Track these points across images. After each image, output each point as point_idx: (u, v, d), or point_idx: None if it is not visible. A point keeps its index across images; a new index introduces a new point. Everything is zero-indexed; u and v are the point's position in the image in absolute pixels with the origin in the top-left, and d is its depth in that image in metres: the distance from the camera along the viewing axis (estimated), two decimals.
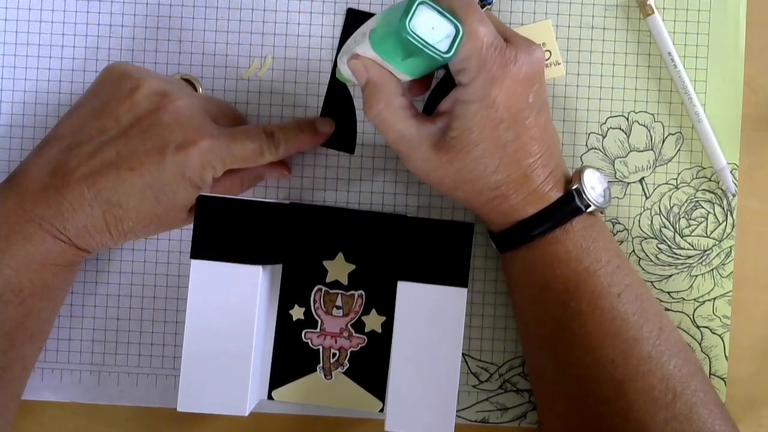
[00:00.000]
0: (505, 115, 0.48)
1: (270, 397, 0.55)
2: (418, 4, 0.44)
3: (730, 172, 0.57)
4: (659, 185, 0.58)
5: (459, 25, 0.45)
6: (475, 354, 0.58)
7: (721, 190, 0.58)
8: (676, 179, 0.58)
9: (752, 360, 0.58)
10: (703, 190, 0.58)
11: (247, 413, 0.50)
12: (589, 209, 0.51)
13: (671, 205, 0.58)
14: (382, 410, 0.55)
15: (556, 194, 0.50)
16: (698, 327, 0.58)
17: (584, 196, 0.50)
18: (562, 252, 0.50)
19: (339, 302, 0.55)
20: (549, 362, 0.52)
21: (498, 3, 0.58)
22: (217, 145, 0.50)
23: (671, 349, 0.50)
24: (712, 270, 0.58)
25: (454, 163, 0.49)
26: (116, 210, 0.50)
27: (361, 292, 0.55)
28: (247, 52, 0.58)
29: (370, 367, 0.55)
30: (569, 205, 0.50)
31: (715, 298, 0.58)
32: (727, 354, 0.58)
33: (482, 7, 0.56)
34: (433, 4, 0.44)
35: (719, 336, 0.58)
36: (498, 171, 0.49)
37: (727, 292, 0.58)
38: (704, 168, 0.58)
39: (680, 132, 0.58)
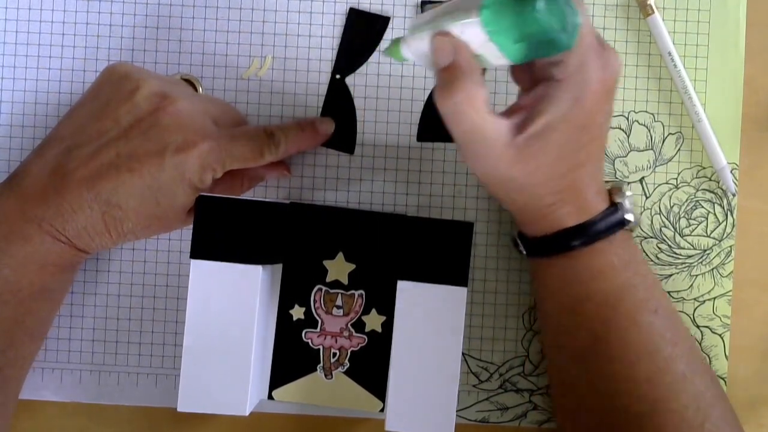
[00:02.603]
0: (588, 120, 0.46)
1: (270, 396, 0.55)
2: None
3: (730, 171, 0.57)
4: (659, 185, 0.58)
5: (578, 12, 0.43)
6: (475, 354, 0.58)
7: (721, 189, 0.58)
8: (676, 179, 0.58)
9: (752, 360, 0.58)
10: (703, 189, 0.58)
11: (247, 413, 0.50)
12: (629, 225, 0.50)
13: (671, 204, 0.58)
14: (382, 410, 0.55)
15: (601, 205, 0.49)
16: (698, 327, 0.58)
17: (627, 210, 0.49)
18: (606, 264, 0.49)
19: (339, 302, 0.55)
20: (580, 375, 0.51)
21: None
22: (216, 147, 0.50)
23: (701, 368, 0.49)
24: (712, 270, 0.58)
25: (528, 163, 0.46)
26: (116, 211, 0.50)
27: (362, 291, 0.55)
28: (247, 52, 0.58)
29: (371, 367, 0.55)
30: (614, 216, 0.49)
31: (715, 298, 0.58)
32: (727, 354, 0.58)
33: None
34: None
35: (719, 336, 0.58)
36: (565, 176, 0.47)
37: (727, 292, 0.58)
38: (704, 167, 0.58)
39: (680, 132, 0.58)
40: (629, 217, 0.49)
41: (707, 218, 0.58)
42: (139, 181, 0.49)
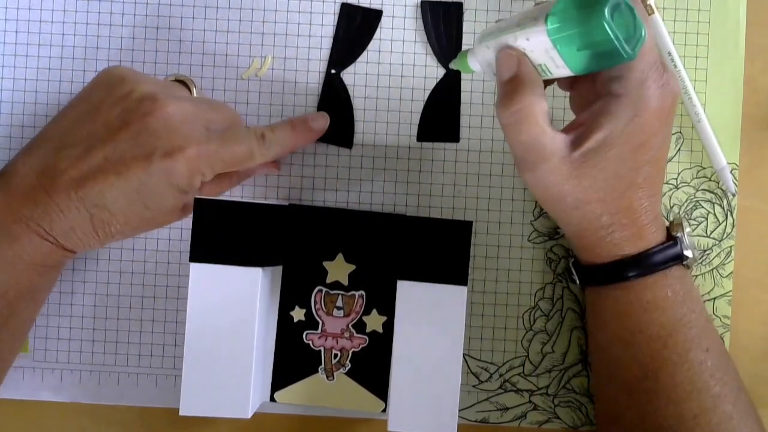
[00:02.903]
0: (646, 140, 0.46)
1: (272, 398, 0.55)
2: None
3: (730, 171, 0.57)
4: None
5: (644, 26, 0.43)
6: (475, 354, 0.58)
7: (721, 189, 0.58)
8: (676, 179, 0.58)
9: (752, 360, 0.58)
10: (703, 189, 0.58)
11: (249, 415, 0.50)
12: (686, 260, 0.50)
13: (671, 205, 0.58)
14: (384, 410, 0.55)
15: (659, 237, 0.49)
16: None
17: (686, 245, 0.50)
18: (661, 298, 0.49)
19: (340, 303, 0.55)
20: (627, 408, 0.51)
21: (498, 3, 0.58)
22: (205, 152, 0.50)
23: (747, 410, 0.49)
24: (712, 270, 0.58)
25: (584, 179, 0.46)
26: (103, 213, 0.49)
27: (362, 292, 0.55)
28: (247, 52, 0.58)
29: (372, 368, 0.55)
30: (672, 250, 0.49)
31: (715, 298, 0.58)
32: None
33: None
34: (629, 1, 0.43)
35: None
36: (622, 196, 0.47)
37: (727, 292, 0.58)
38: (704, 168, 0.58)
39: (680, 132, 0.58)
40: (688, 252, 0.50)
41: (707, 218, 0.58)
42: (126, 185, 0.49)
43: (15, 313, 0.51)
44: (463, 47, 0.58)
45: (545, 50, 0.44)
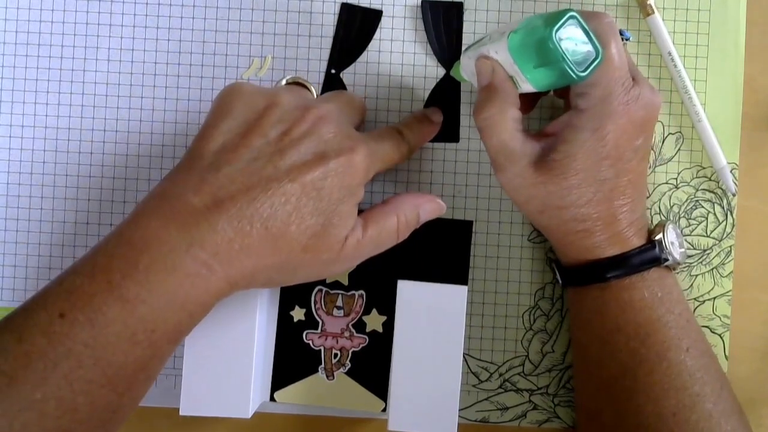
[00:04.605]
0: (611, 152, 0.48)
1: (272, 398, 0.55)
2: (569, 17, 0.44)
3: (730, 171, 0.57)
4: (659, 185, 0.58)
5: (600, 49, 0.45)
6: (475, 353, 0.58)
7: (721, 189, 0.58)
8: (676, 179, 0.58)
9: (752, 360, 0.58)
10: (703, 189, 0.58)
11: (249, 415, 0.50)
12: (667, 263, 0.51)
13: (671, 204, 0.58)
14: (384, 410, 0.55)
15: (637, 241, 0.51)
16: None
17: (665, 248, 0.51)
18: (637, 298, 0.50)
19: (339, 302, 0.55)
20: (607, 405, 0.51)
21: (498, 3, 0.58)
22: (368, 149, 0.48)
23: (730, 410, 0.50)
24: (712, 269, 0.58)
25: (549, 185, 0.49)
26: (277, 224, 0.45)
27: (362, 292, 0.55)
28: (247, 52, 0.58)
29: (372, 367, 0.55)
30: (649, 253, 0.50)
31: (715, 298, 0.58)
32: (727, 354, 0.58)
33: None
34: (582, 22, 0.45)
35: (719, 336, 0.58)
36: (589, 204, 0.49)
37: (727, 292, 0.58)
38: (704, 167, 0.58)
39: (680, 131, 0.58)
40: (665, 255, 0.51)
41: (707, 218, 0.58)
42: (301, 189, 0.45)
43: (156, 355, 0.45)
44: (463, 49, 0.58)
45: (510, 64, 0.47)
